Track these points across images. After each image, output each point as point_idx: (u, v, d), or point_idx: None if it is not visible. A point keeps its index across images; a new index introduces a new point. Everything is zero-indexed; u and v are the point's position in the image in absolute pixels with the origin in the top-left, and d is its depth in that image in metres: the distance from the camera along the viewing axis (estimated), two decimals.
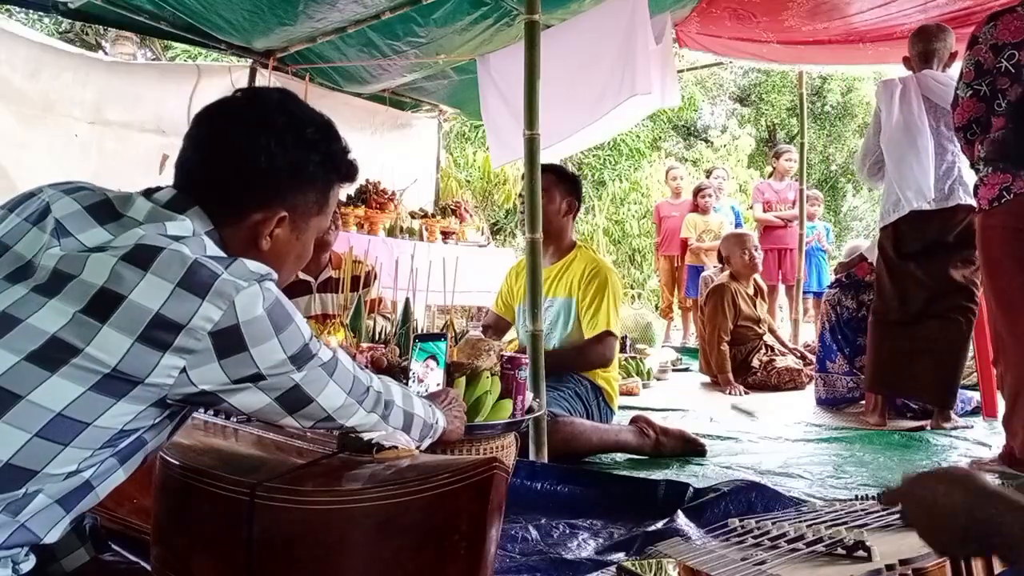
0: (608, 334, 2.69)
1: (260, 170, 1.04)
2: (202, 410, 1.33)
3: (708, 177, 7.11)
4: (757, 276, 4.75)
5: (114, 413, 0.89)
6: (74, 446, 0.88)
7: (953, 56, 3.13)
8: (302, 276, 2.85)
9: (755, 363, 4.41)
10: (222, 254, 0.98)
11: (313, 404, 1.04)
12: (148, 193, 1.02)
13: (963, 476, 0.78)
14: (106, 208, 0.97)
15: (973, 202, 2.92)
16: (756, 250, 4.62)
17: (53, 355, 0.86)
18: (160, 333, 0.88)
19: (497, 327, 3.07)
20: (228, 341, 0.92)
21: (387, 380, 1.22)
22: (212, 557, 1.03)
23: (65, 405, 0.86)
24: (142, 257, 0.89)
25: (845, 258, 4.02)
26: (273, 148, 1.04)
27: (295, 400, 1.02)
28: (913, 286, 3.06)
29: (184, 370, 0.91)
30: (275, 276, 1.00)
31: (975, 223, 2.94)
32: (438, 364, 1.66)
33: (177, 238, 0.94)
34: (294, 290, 2.82)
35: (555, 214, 2.83)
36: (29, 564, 0.94)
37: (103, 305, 0.87)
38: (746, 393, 4.19)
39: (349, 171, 1.14)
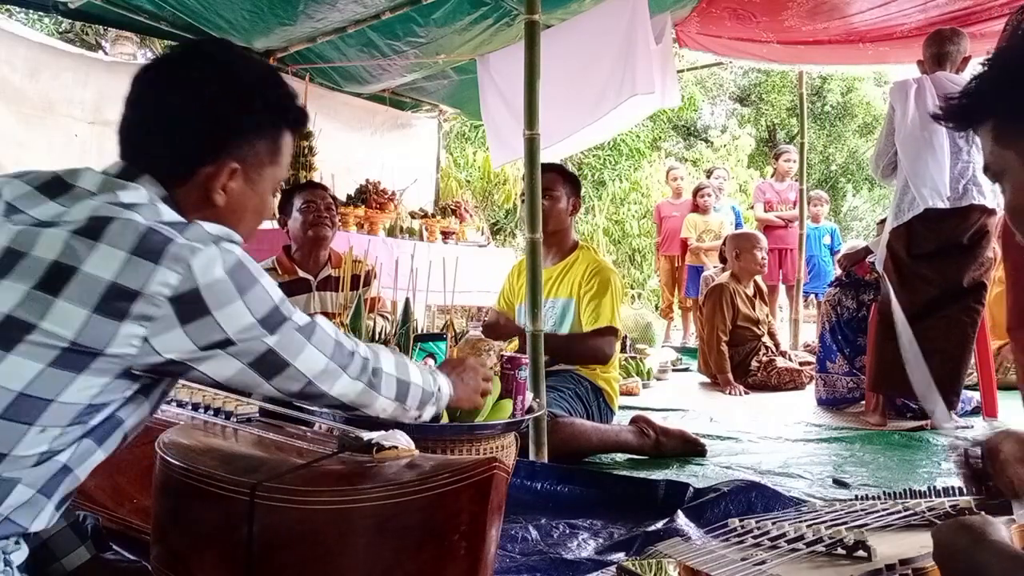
0: (609, 329, 2.66)
1: (201, 126, 1.02)
2: (193, 403, 1.34)
3: (709, 177, 7.10)
4: (758, 277, 4.75)
5: (77, 387, 0.88)
6: (40, 424, 0.87)
7: (966, 60, 3.14)
8: (301, 274, 2.86)
9: (754, 364, 4.41)
10: (179, 218, 0.96)
11: (291, 368, 1.00)
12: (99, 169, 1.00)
13: (972, 525, 0.83)
14: (56, 183, 0.95)
15: (987, 202, 2.94)
16: (764, 251, 4.64)
17: (7, 335, 0.85)
18: (117, 302, 0.87)
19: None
20: (189, 306, 0.90)
21: (377, 347, 1.18)
22: (212, 557, 1.03)
23: (26, 384, 0.85)
24: (94, 228, 0.88)
25: (849, 251, 4.02)
26: (211, 101, 1.02)
27: (270, 365, 0.99)
28: (922, 286, 3.05)
29: (146, 339, 0.89)
30: (236, 237, 0.98)
31: (988, 224, 2.95)
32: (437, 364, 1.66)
33: (130, 205, 0.92)
34: (294, 288, 2.84)
35: (562, 213, 2.82)
36: (22, 554, 0.94)
37: (56, 279, 0.86)
38: (746, 393, 4.18)
39: (297, 117, 1.12)
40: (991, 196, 2.97)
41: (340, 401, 1.10)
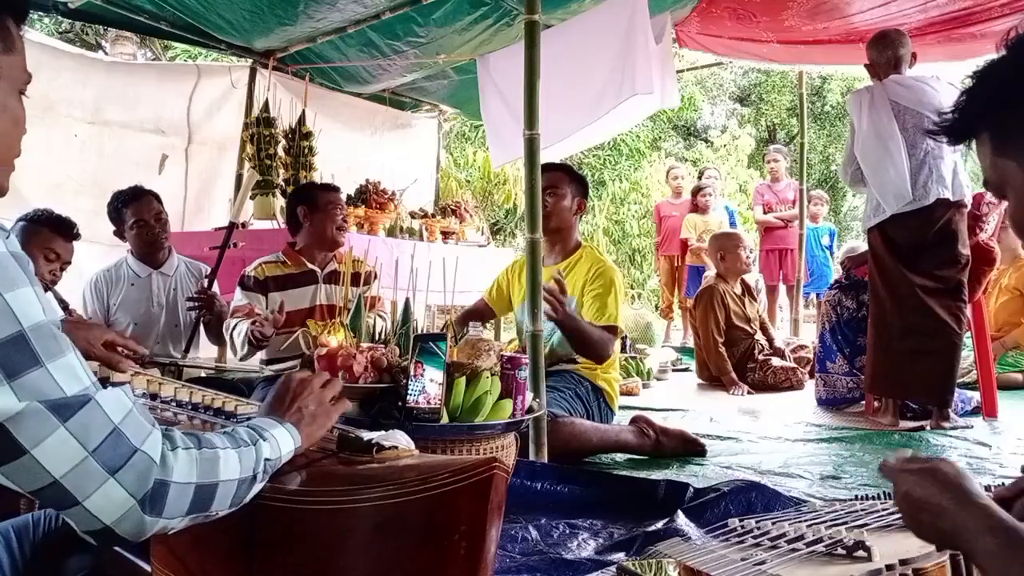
0: (612, 328, 2.67)
1: None
2: (193, 403, 1.34)
3: (701, 178, 7.13)
4: (747, 276, 4.76)
5: None
6: None
7: (914, 56, 3.21)
8: (309, 266, 2.90)
9: (750, 364, 4.41)
10: None
11: (26, 458, 0.70)
12: None
13: (948, 479, 0.79)
14: None
15: (950, 195, 2.98)
16: (748, 250, 4.64)
17: None
18: None
19: (481, 315, 3.05)
20: None
21: (188, 435, 0.85)
22: (212, 557, 1.03)
23: None
24: None
25: (852, 254, 4.02)
26: None
27: None
28: (904, 287, 3.07)
29: None
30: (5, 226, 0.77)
31: (954, 219, 2.99)
32: (437, 364, 1.66)
33: None
34: (301, 280, 2.88)
35: (566, 211, 2.82)
36: None
37: None
38: (751, 393, 4.18)
39: None
40: (958, 189, 3.00)
41: (102, 523, 0.75)
